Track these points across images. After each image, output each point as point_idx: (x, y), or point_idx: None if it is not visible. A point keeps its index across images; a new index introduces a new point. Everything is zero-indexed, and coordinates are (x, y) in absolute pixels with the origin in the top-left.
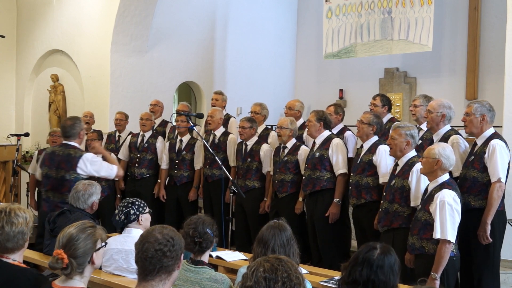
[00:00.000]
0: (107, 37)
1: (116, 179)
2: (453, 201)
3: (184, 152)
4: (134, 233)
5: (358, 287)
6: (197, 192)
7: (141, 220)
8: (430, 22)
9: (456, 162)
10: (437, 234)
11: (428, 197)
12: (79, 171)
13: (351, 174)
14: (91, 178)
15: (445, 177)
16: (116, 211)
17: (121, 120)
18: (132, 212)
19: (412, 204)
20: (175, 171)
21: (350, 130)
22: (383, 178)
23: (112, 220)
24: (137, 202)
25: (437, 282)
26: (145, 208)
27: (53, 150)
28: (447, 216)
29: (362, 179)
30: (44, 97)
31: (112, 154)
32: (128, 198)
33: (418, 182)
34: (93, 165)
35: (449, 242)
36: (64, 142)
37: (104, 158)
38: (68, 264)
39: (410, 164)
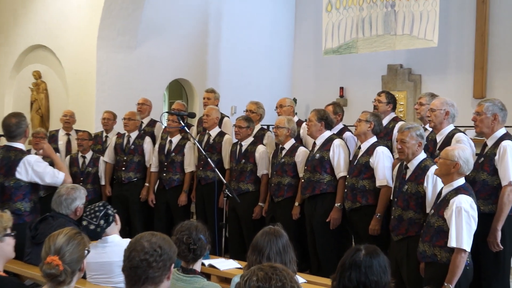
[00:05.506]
0: (93, 31)
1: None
2: (470, 207)
3: (174, 153)
4: (110, 241)
5: None
6: (187, 196)
7: (117, 219)
8: (436, 16)
9: None
10: (452, 243)
11: (442, 202)
12: (18, 176)
13: (347, 176)
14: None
15: (461, 181)
16: (85, 222)
17: (109, 120)
18: (109, 212)
19: (428, 210)
20: (164, 174)
21: (350, 131)
22: (380, 182)
23: (83, 230)
24: (106, 203)
25: None
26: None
27: None
28: (464, 223)
29: (358, 181)
30: (25, 96)
31: (62, 159)
32: (98, 203)
33: (435, 187)
34: (36, 170)
35: (464, 251)
36: (6, 144)
37: (52, 163)
38: (62, 272)
39: (423, 168)
